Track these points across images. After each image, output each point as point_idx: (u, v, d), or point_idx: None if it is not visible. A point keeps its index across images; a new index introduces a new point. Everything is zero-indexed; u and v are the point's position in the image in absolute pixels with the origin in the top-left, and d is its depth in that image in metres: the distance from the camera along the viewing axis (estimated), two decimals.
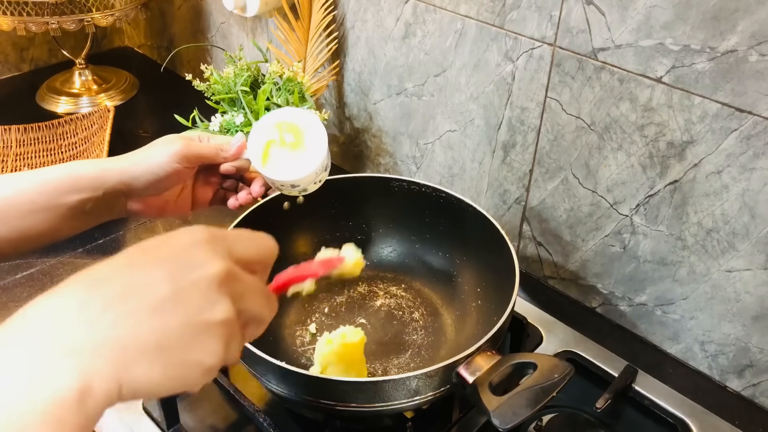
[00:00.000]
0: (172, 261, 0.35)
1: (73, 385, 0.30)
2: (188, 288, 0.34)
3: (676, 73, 0.64)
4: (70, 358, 0.31)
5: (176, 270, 0.34)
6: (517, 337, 0.75)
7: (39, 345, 0.32)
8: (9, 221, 0.56)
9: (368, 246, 0.84)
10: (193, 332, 0.34)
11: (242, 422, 0.68)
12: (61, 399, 0.30)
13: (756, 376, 0.71)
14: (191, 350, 0.34)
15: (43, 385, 0.30)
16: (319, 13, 0.95)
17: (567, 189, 0.79)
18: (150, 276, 0.34)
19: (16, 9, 1.08)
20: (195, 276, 0.34)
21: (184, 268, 0.35)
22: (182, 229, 0.37)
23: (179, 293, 0.34)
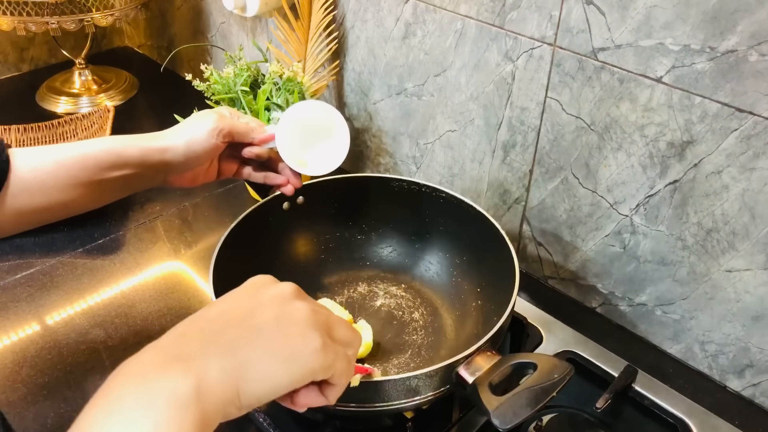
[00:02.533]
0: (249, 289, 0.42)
1: (186, 383, 0.34)
2: (270, 298, 0.41)
3: (676, 73, 0.64)
4: (183, 362, 0.36)
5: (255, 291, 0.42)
6: (517, 337, 0.75)
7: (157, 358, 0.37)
8: (50, 193, 0.58)
9: (368, 246, 0.84)
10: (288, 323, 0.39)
11: (242, 422, 0.68)
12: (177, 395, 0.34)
13: (756, 376, 0.71)
14: (291, 337, 0.39)
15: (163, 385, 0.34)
16: (319, 13, 0.95)
17: (567, 189, 0.79)
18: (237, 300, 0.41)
19: (16, 9, 1.08)
20: (273, 290, 0.42)
21: (261, 287, 0.42)
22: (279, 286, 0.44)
23: (261, 301, 0.41)
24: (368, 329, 0.72)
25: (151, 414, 0.33)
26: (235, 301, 0.41)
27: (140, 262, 0.90)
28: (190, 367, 0.35)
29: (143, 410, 0.33)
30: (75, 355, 0.76)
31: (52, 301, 0.83)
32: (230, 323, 0.39)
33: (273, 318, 0.39)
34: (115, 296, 0.84)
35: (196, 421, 0.34)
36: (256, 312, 0.40)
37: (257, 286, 0.43)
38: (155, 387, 0.34)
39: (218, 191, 1.05)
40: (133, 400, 0.33)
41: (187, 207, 1.01)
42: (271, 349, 0.38)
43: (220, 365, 0.36)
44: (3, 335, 0.78)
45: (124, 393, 0.34)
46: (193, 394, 0.34)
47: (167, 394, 0.34)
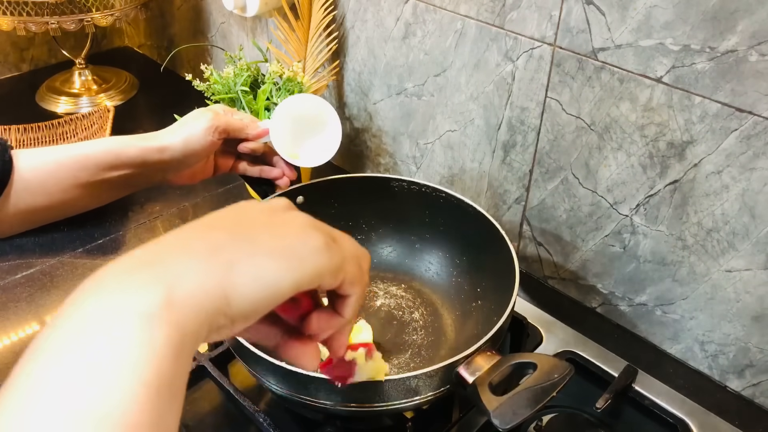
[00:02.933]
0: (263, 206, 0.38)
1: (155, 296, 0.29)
2: (283, 215, 0.37)
3: (676, 73, 0.64)
4: (151, 267, 0.30)
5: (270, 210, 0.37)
6: (517, 337, 0.75)
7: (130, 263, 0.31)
8: (52, 193, 0.59)
9: (368, 246, 0.84)
10: (296, 226, 0.35)
11: (242, 422, 0.68)
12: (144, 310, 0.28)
13: (756, 376, 0.71)
14: (290, 236, 0.34)
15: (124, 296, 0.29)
16: (319, 13, 0.95)
17: (567, 189, 0.79)
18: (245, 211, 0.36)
19: (16, 9, 1.08)
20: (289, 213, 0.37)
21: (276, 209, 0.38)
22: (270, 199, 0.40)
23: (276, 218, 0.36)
24: (368, 329, 0.72)
25: (112, 331, 0.27)
26: (219, 213, 0.36)
27: None
28: (159, 272, 0.30)
29: (102, 328, 0.27)
30: None
31: (52, 301, 0.83)
32: (212, 228, 0.33)
33: (264, 222, 0.35)
34: None
35: (171, 336, 0.27)
36: (244, 220, 0.35)
37: (243, 203, 0.38)
38: (117, 299, 0.29)
39: (218, 191, 1.05)
40: (91, 317, 0.28)
41: (187, 207, 1.01)
42: (264, 248, 0.32)
43: (198, 267, 0.30)
44: (3, 335, 0.78)
45: (81, 309, 0.29)
46: (163, 304, 0.28)
47: (132, 306, 0.28)
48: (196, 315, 0.29)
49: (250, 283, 0.31)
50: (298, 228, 0.35)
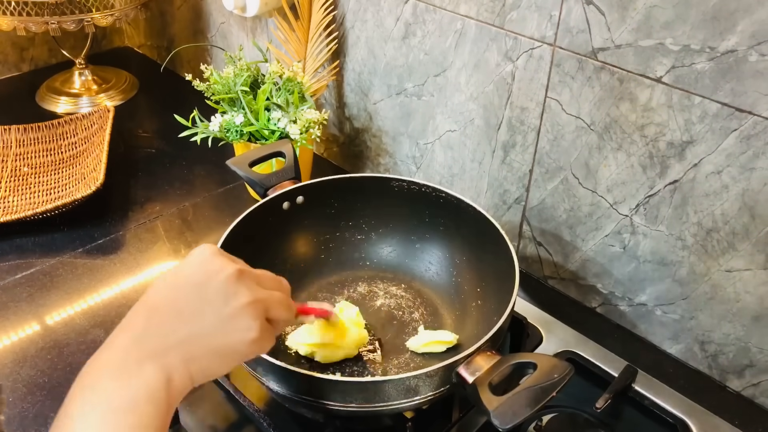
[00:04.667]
0: (195, 273, 0.46)
1: (160, 378, 0.42)
2: (213, 293, 0.45)
3: (676, 73, 0.64)
4: (153, 360, 0.42)
5: (201, 279, 0.45)
6: (517, 337, 0.75)
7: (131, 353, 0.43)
8: None
9: (368, 246, 0.84)
10: (228, 319, 0.45)
11: (242, 422, 0.68)
12: (153, 388, 0.41)
13: (756, 376, 0.71)
14: (231, 334, 0.45)
15: (138, 381, 0.41)
16: (319, 13, 0.95)
17: (567, 189, 0.79)
18: (185, 288, 0.45)
19: (16, 9, 1.08)
20: (215, 282, 0.45)
21: (206, 276, 0.46)
22: (194, 250, 0.48)
23: (208, 294, 0.45)
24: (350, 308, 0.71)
25: (134, 408, 0.40)
26: (184, 289, 0.45)
27: (140, 262, 0.90)
28: (159, 365, 0.42)
29: (127, 404, 0.40)
30: (75, 355, 0.76)
31: (52, 301, 0.83)
32: (182, 319, 0.44)
33: (217, 319, 0.45)
34: (115, 296, 0.84)
35: (167, 406, 0.42)
36: (205, 310, 0.45)
37: (206, 269, 0.46)
38: (134, 384, 0.41)
39: (218, 191, 1.05)
40: (116, 396, 0.40)
41: (187, 207, 1.01)
42: (215, 347, 0.45)
43: (178, 361, 0.43)
44: (3, 335, 0.78)
45: (105, 389, 0.40)
46: (164, 388, 0.42)
47: (145, 390, 0.41)
48: (178, 390, 0.43)
49: (205, 372, 0.45)
50: (244, 320, 0.45)
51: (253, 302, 0.46)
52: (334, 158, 1.13)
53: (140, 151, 1.15)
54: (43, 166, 1.06)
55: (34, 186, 1.02)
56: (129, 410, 0.40)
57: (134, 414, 0.40)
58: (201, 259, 0.47)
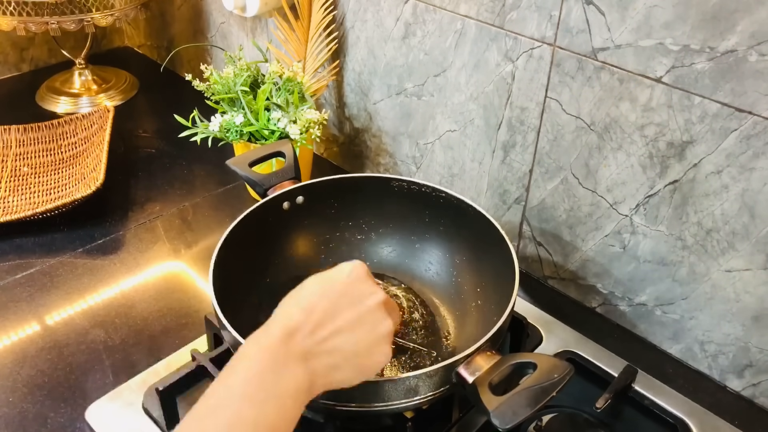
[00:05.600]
0: (352, 291, 0.50)
1: (305, 381, 0.45)
2: (368, 311, 0.49)
3: (676, 73, 0.64)
4: (304, 364, 0.46)
5: (357, 297, 0.49)
6: (517, 337, 0.75)
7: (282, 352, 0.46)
8: None
9: (368, 246, 0.84)
10: (374, 342, 0.49)
11: None
12: (299, 389, 0.45)
13: (756, 376, 0.71)
14: (373, 355, 0.49)
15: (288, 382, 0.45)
16: (319, 13, 0.95)
17: (567, 189, 0.79)
18: (341, 302, 0.49)
19: (16, 9, 1.08)
20: (370, 302, 0.49)
21: (361, 296, 0.50)
22: (346, 264, 0.52)
23: (363, 315, 0.49)
24: None
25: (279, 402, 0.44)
26: (340, 301, 0.49)
27: (140, 262, 0.90)
28: (308, 368, 0.46)
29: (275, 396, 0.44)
30: (75, 355, 0.76)
31: (52, 301, 0.83)
32: (337, 329, 0.48)
33: (367, 336, 0.49)
34: (115, 296, 0.84)
35: (302, 405, 0.45)
36: (356, 327, 0.48)
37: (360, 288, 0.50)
38: (283, 381, 0.44)
39: (218, 191, 1.05)
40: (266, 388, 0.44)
41: (187, 207, 1.01)
42: (358, 364, 0.49)
43: (324, 367, 0.47)
44: (3, 335, 0.78)
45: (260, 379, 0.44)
46: (307, 389, 0.45)
47: (293, 387, 0.45)
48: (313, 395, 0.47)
49: (335, 385, 0.49)
50: (381, 344, 0.50)
51: (392, 332, 0.51)
52: (334, 158, 1.13)
53: (140, 151, 1.15)
54: (43, 166, 1.06)
55: (34, 186, 1.02)
56: (277, 399, 0.44)
57: (280, 404, 0.44)
58: (355, 277, 0.51)
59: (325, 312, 0.48)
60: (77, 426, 0.68)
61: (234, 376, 0.44)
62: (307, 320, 0.47)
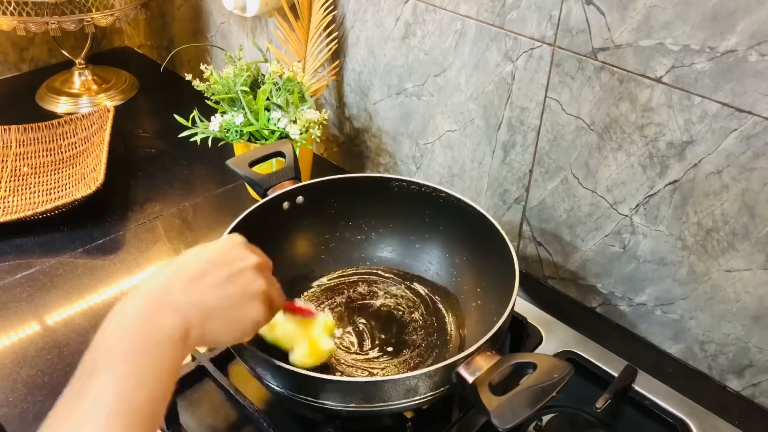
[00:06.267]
0: (226, 254, 0.53)
1: (180, 327, 0.47)
2: (240, 271, 0.52)
3: (676, 73, 0.64)
4: (175, 311, 0.47)
5: (230, 260, 0.52)
6: (517, 337, 0.75)
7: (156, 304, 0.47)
8: None
9: (368, 246, 0.84)
10: (245, 297, 0.51)
11: (242, 422, 0.68)
12: (174, 335, 0.46)
13: (756, 376, 0.71)
14: (244, 309, 0.51)
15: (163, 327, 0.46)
16: (319, 13, 0.95)
17: (567, 189, 0.79)
18: (215, 264, 0.51)
19: (16, 9, 1.08)
20: (243, 264, 0.52)
21: (235, 259, 0.52)
22: (224, 236, 0.56)
23: (235, 274, 0.51)
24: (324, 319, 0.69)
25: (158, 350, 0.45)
26: (212, 262, 0.51)
27: (140, 262, 0.90)
28: (181, 317, 0.47)
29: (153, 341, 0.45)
30: (75, 355, 0.76)
31: (52, 301, 0.83)
32: (208, 287, 0.50)
33: (238, 291, 0.51)
34: (115, 296, 0.84)
35: (182, 353, 0.47)
36: (227, 284, 0.51)
37: (234, 253, 0.53)
38: (159, 330, 0.46)
39: (218, 191, 1.05)
40: (142, 335, 0.45)
41: (187, 207, 1.01)
42: (229, 317, 0.51)
43: (196, 318, 0.48)
44: (3, 335, 0.78)
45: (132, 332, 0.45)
46: (182, 337, 0.47)
47: (168, 334, 0.46)
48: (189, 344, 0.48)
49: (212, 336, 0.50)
50: (255, 302, 0.52)
51: (265, 291, 0.53)
52: (334, 158, 1.13)
53: (140, 151, 1.15)
54: (43, 166, 1.06)
55: (34, 186, 1.02)
56: (155, 348, 0.45)
57: (157, 353, 0.45)
58: (231, 245, 0.54)
59: (199, 271, 0.50)
60: None
61: (105, 336, 0.46)
62: (177, 277, 0.49)
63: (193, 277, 0.50)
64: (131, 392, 0.43)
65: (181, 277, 0.50)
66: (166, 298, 0.48)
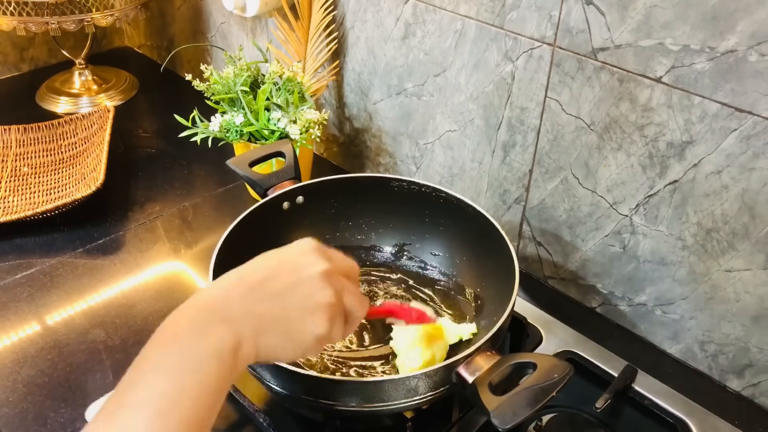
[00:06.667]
0: (293, 261, 0.48)
1: (230, 341, 0.43)
2: (304, 279, 0.47)
3: (676, 73, 0.64)
4: (228, 324, 0.44)
5: (296, 267, 0.48)
6: (517, 337, 0.75)
7: (209, 313, 0.44)
8: None
9: (368, 246, 0.84)
10: (307, 310, 0.47)
11: (242, 422, 0.68)
12: (222, 349, 0.42)
13: (756, 376, 0.71)
14: (305, 323, 0.47)
15: (211, 340, 0.42)
16: (319, 13, 0.95)
17: (567, 189, 0.79)
18: (278, 271, 0.47)
19: (16, 9, 1.08)
20: (309, 271, 0.48)
21: (301, 266, 0.48)
22: (298, 240, 0.51)
23: (298, 283, 0.47)
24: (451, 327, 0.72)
25: (203, 364, 0.41)
26: (277, 270, 0.48)
27: (140, 262, 0.90)
28: (232, 329, 0.43)
29: (198, 359, 0.41)
30: (75, 355, 0.76)
31: (52, 301, 0.83)
32: (266, 297, 0.46)
33: (299, 302, 0.47)
34: (115, 296, 0.84)
35: (231, 370, 0.43)
36: (288, 293, 0.47)
37: (302, 259, 0.49)
38: (207, 342, 0.42)
39: (218, 191, 1.05)
40: (190, 350, 0.42)
41: (187, 207, 1.01)
42: (287, 330, 0.46)
43: (250, 331, 0.44)
44: (3, 335, 0.78)
45: (182, 341, 0.42)
46: (232, 352, 0.43)
47: (216, 349, 0.42)
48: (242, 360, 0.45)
49: (268, 352, 0.46)
50: (319, 314, 0.47)
51: (333, 304, 0.48)
52: (334, 158, 1.13)
53: (140, 151, 1.15)
54: (43, 166, 1.06)
55: (34, 186, 1.02)
56: (199, 364, 0.41)
57: (201, 370, 0.41)
58: (302, 250, 0.50)
59: (260, 278, 0.47)
60: (77, 426, 0.68)
61: (152, 347, 0.42)
62: (238, 285, 0.46)
63: (253, 286, 0.46)
64: (170, 409, 0.40)
65: (242, 285, 0.46)
66: (220, 308, 0.45)
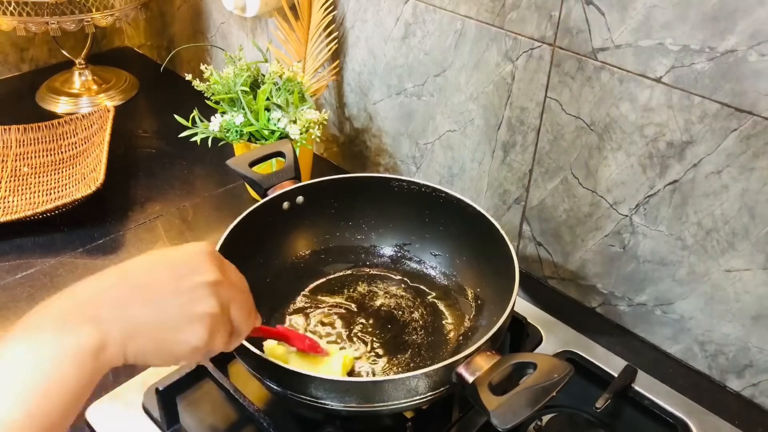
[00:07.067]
0: (181, 266, 0.46)
1: (93, 341, 0.41)
2: (189, 287, 0.45)
3: (676, 73, 0.64)
4: (95, 324, 0.41)
5: (183, 273, 0.45)
6: (517, 337, 0.75)
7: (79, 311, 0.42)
8: None
9: (368, 246, 0.84)
10: (186, 319, 0.44)
11: (242, 422, 0.68)
12: (82, 349, 0.40)
13: (756, 376, 0.71)
14: (182, 332, 0.44)
15: (71, 338, 0.40)
16: (319, 13, 0.95)
17: (567, 189, 0.79)
18: (162, 275, 0.45)
19: (16, 9, 1.08)
20: (196, 279, 0.45)
21: (188, 272, 0.45)
22: (192, 243, 0.48)
23: (181, 290, 0.44)
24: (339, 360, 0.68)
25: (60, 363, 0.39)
26: (161, 272, 0.45)
27: None
28: (99, 330, 0.41)
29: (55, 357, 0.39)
30: None
31: None
32: (145, 300, 0.44)
33: (179, 310, 0.44)
34: None
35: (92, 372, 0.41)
36: (169, 299, 0.44)
37: (191, 264, 0.46)
38: (68, 340, 0.40)
39: (218, 191, 1.05)
40: (48, 346, 0.39)
41: (187, 207, 1.01)
42: (160, 338, 0.44)
43: (119, 334, 0.42)
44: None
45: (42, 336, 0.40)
46: (93, 353, 0.40)
47: (76, 349, 0.40)
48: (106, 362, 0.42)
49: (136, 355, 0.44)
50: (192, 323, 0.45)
51: (215, 315, 0.46)
52: (334, 158, 1.13)
53: (140, 151, 1.15)
54: (43, 166, 1.06)
55: (34, 186, 1.02)
56: (54, 362, 0.39)
57: (57, 368, 0.39)
58: (192, 254, 0.47)
59: (143, 281, 0.44)
60: (77, 426, 0.68)
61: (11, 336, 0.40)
62: (117, 284, 0.44)
63: (133, 287, 0.44)
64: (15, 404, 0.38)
65: (122, 286, 0.44)
66: (91, 306, 0.42)
